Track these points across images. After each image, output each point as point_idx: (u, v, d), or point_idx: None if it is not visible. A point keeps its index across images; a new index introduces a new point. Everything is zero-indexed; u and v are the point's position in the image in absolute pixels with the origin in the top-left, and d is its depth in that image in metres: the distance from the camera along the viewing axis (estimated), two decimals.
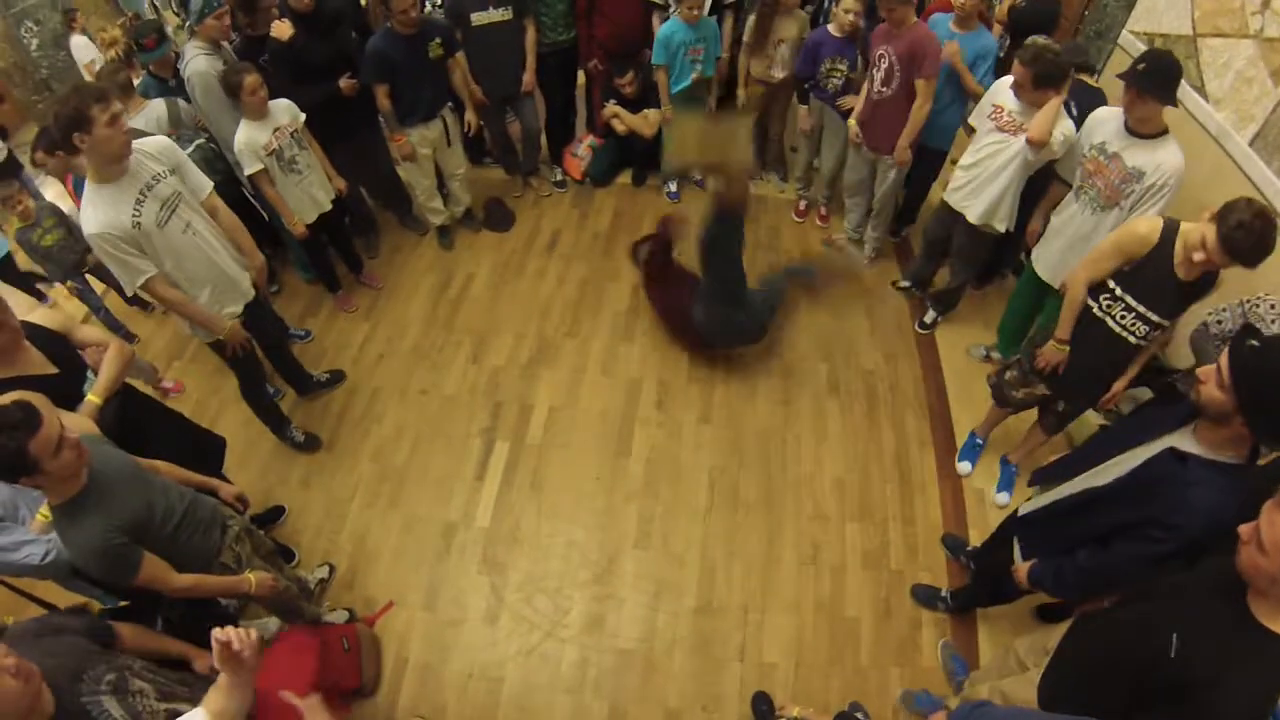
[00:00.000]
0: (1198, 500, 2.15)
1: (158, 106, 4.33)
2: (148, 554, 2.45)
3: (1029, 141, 3.71)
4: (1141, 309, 3.03)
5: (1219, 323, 3.36)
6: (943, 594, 3.71)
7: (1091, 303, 3.21)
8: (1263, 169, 3.73)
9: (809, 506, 4.13)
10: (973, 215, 4.23)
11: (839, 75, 4.95)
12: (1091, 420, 4.22)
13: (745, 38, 5.27)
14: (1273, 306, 3.18)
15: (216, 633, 1.86)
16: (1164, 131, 3.36)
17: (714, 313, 4.37)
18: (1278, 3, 3.77)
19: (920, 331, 5.11)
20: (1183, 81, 3.82)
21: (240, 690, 1.91)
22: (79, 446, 2.24)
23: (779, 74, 5.34)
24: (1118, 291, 3.08)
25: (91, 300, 5.04)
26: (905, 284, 5.40)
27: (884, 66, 4.45)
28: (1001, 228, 4.21)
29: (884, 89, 4.51)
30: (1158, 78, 3.21)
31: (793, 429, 4.49)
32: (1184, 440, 2.27)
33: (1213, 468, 2.17)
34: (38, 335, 2.92)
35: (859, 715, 3.29)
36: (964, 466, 4.31)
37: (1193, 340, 3.55)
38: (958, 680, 3.39)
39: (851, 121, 4.85)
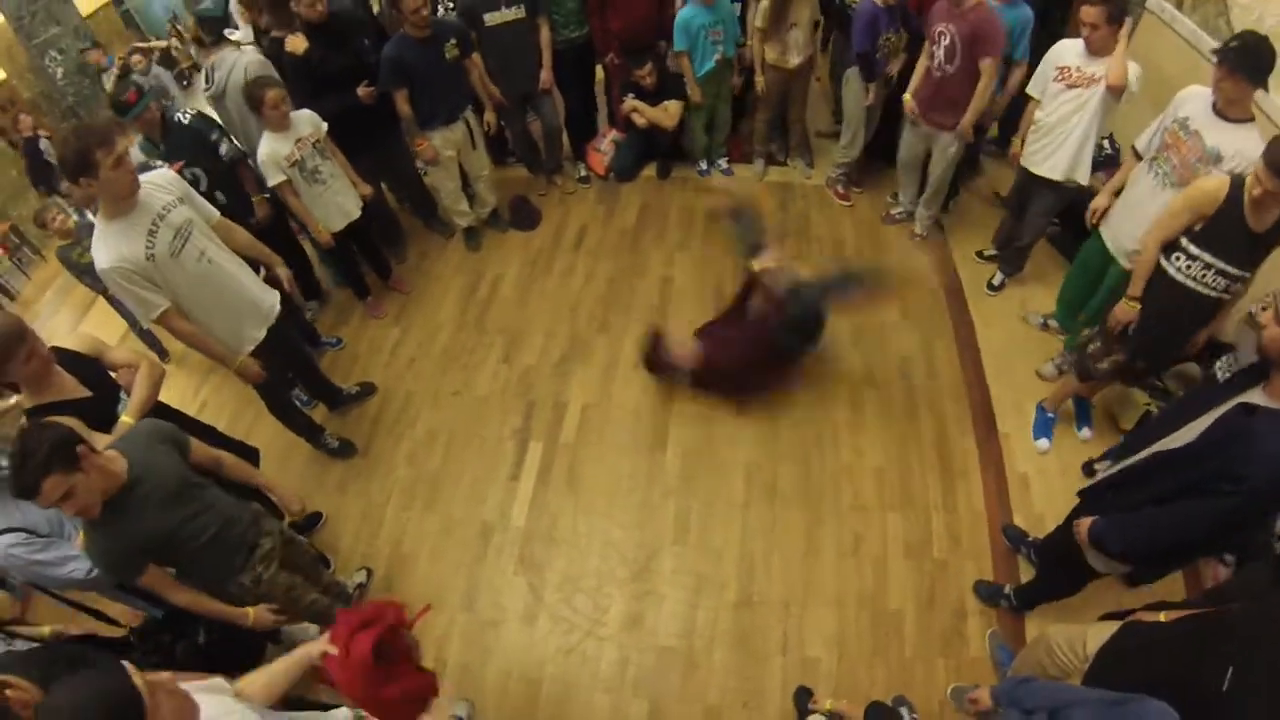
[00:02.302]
0: (1265, 448, 2.11)
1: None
2: (152, 567, 2.55)
3: (1109, 86, 3.85)
4: (1220, 264, 3.09)
5: (1264, 309, 3.32)
6: (1006, 591, 3.60)
7: (1168, 266, 3.26)
8: None
9: (848, 497, 4.06)
10: (1055, 172, 4.31)
11: (890, 45, 4.96)
12: (1138, 400, 4.14)
13: (758, 23, 5.19)
14: None
15: None
16: (1250, 118, 3.30)
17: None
18: None
19: (989, 293, 5.12)
20: (1212, 42, 3.81)
21: None
22: (87, 496, 2.29)
23: (794, 59, 5.27)
24: (1193, 250, 3.14)
25: (128, 314, 5.09)
26: (992, 252, 5.39)
27: (944, 44, 4.43)
28: (1083, 180, 4.27)
29: (946, 66, 4.49)
30: (1250, 57, 3.14)
31: (829, 419, 4.42)
32: (1255, 396, 2.25)
33: None
34: (68, 360, 2.96)
35: (903, 709, 3.23)
36: (1042, 444, 4.24)
37: (1240, 331, 3.64)
38: (1004, 671, 3.31)
39: (907, 96, 4.85)
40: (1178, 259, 3.21)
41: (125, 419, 2.95)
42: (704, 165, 6.29)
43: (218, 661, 3.03)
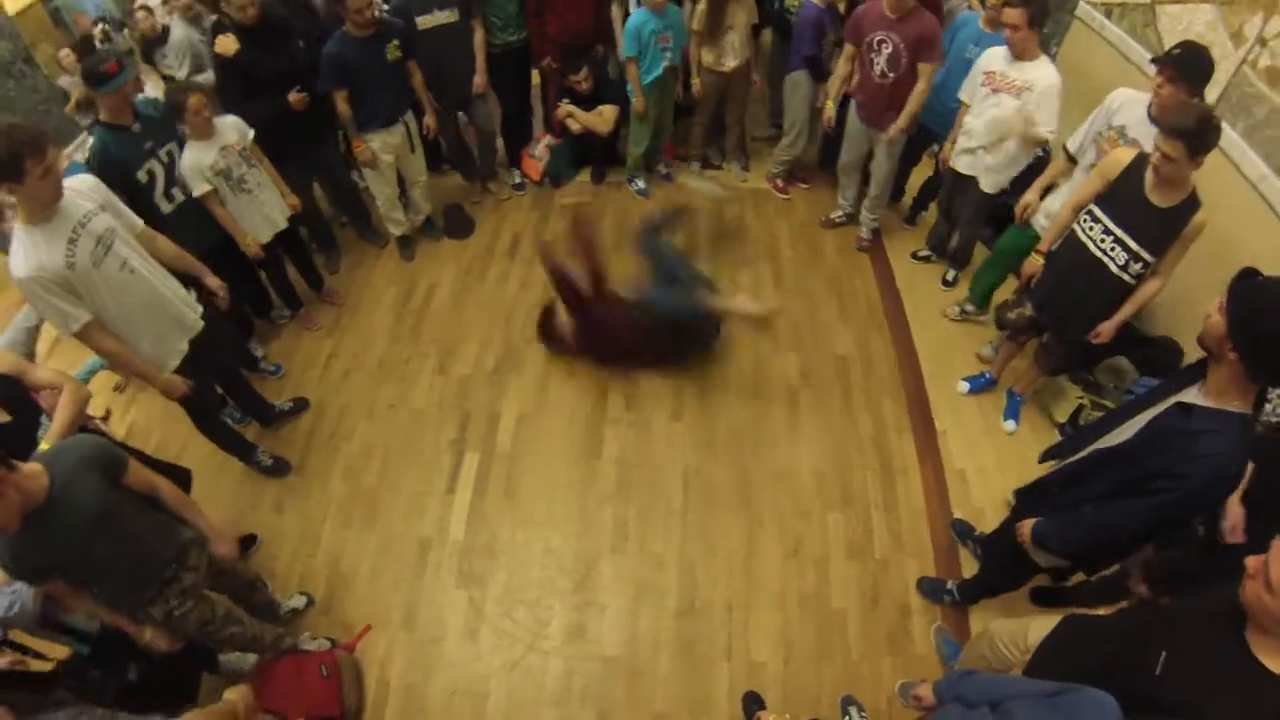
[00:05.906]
0: (1202, 447, 2.17)
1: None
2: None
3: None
4: (1119, 231, 3.25)
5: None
6: (948, 587, 3.65)
7: (1077, 227, 3.48)
8: (1226, 130, 3.70)
9: (788, 499, 4.07)
10: (977, 173, 4.51)
11: (834, 43, 5.07)
12: (1070, 394, 4.23)
13: (695, 26, 5.21)
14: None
15: None
16: None
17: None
18: None
19: (944, 288, 5.30)
20: (1140, 49, 3.88)
21: None
22: (5, 515, 2.19)
23: (730, 63, 5.30)
24: (1097, 212, 3.35)
25: None
26: (925, 253, 5.51)
27: (886, 53, 4.49)
28: (1006, 183, 4.49)
29: (890, 74, 4.55)
30: (1192, 66, 3.28)
31: (767, 421, 4.43)
32: (1190, 395, 2.31)
33: (1217, 416, 2.19)
34: None
35: (851, 709, 3.25)
36: (962, 386, 4.53)
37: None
38: (950, 665, 3.34)
39: (829, 105, 5.01)
40: (1084, 220, 3.42)
41: (44, 446, 2.82)
42: (640, 184, 6.20)
43: (150, 698, 2.93)
